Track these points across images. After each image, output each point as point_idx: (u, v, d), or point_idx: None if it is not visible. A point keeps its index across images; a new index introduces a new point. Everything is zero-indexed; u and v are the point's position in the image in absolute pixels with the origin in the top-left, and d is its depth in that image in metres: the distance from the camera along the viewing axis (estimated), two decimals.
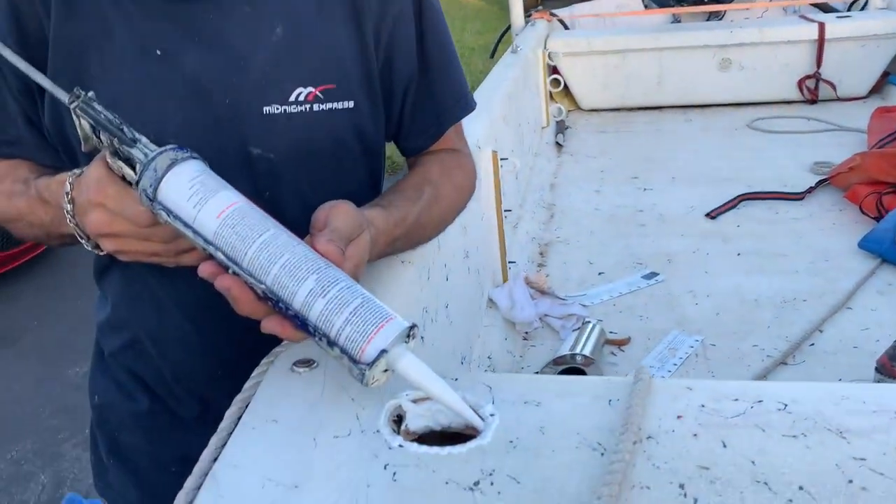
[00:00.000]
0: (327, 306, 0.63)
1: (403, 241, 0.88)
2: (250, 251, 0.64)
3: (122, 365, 0.99)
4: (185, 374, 0.95)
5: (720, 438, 0.58)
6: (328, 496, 0.54)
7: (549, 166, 2.65)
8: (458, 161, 1.03)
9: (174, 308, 0.91)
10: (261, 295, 0.65)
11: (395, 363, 0.63)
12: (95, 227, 0.70)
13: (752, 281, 1.83)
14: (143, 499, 1.00)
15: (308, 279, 0.63)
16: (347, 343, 0.62)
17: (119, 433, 1.01)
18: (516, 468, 0.57)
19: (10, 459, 2.59)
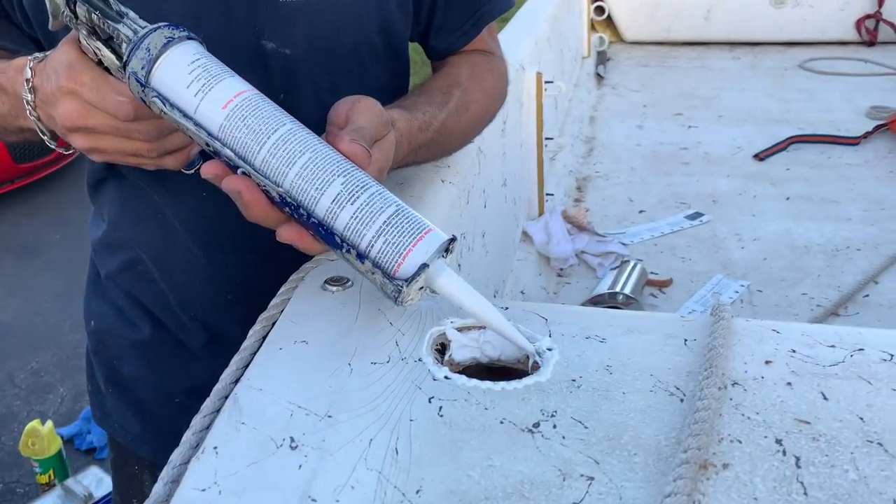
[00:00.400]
0: (357, 214, 0.54)
1: (427, 149, 0.78)
2: (264, 149, 0.55)
3: (120, 288, 0.89)
4: (190, 300, 0.86)
5: (819, 389, 0.50)
6: (366, 430, 0.46)
7: (588, 98, 2.52)
8: (491, 64, 0.92)
9: (180, 228, 0.82)
10: (276, 199, 0.56)
11: (433, 280, 0.55)
12: (67, 120, 0.60)
13: (802, 227, 1.73)
14: (144, 431, 0.92)
15: (333, 182, 0.54)
16: (381, 256, 0.54)
17: (118, 362, 0.92)
18: (581, 410, 0.49)
19: (31, 370, 2.59)
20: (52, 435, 1.90)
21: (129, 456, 0.96)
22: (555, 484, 0.43)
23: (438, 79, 0.85)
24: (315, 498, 0.41)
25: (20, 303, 2.94)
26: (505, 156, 1.37)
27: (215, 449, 0.44)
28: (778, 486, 0.42)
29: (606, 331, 0.58)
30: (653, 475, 0.43)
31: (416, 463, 0.44)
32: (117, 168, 0.81)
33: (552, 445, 0.46)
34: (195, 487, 0.41)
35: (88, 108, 0.59)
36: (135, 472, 0.96)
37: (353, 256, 0.55)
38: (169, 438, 0.51)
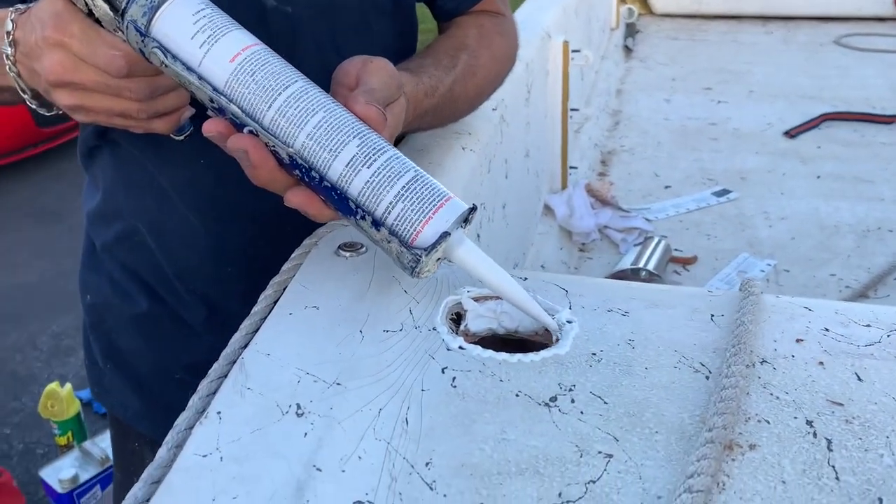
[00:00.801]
0: (373, 179, 0.51)
1: (432, 115, 0.74)
2: (274, 106, 0.52)
3: (116, 260, 0.86)
4: (188, 273, 0.81)
5: (853, 370, 0.48)
6: (376, 398, 0.45)
7: (616, 71, 2.47)
8: (500, 26, 0.88)
9: (177, 196, 0.78)
10: (285, 161, 0.53)
11: (452, 251, 0.53)
12: (52, 74, 0.55)
13: (832, 206, 1.69)
14: (144, 407, 0.88)
15: (348, 144, 0.52)
16: (398, 223, 0.51)
17: (116, 336, 0.88)
18: (601, 385, 0.47)
19: (52, 333, 2.61)
20: (70, 397, 1.91)
21: (128, 432, 0.93)
22: (571, 460, 0.41)
23: (445, 41, 0.82)
24: (320, 467, 0.39)
25: (44, 265, 2.96)
26: (528, 126, 1.34)
27: (219, 414, 0.43)
28: (808, 470, 0.40)
29: (629, 304, 0.56)
30: (675, 454, 0.41)
31: (426, 434, 0.43)
32: (111, 135, 0.78)
33: (569, 420, 0.44)
34: (196, 453, 0.40)
35: (76, 62, 0.55)
36: (135, 449, 0.93)
37: (367, 224, 0.52)
38: (168, 415, 0.49)
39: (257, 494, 0.37)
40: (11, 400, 2.34)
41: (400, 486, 0.39)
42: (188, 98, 0.61)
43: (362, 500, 0.37)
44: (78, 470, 1.77)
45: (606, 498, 0.38)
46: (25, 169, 3.69)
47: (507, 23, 0.90)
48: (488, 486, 0.39)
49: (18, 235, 3.21)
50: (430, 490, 0.39)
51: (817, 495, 0.38)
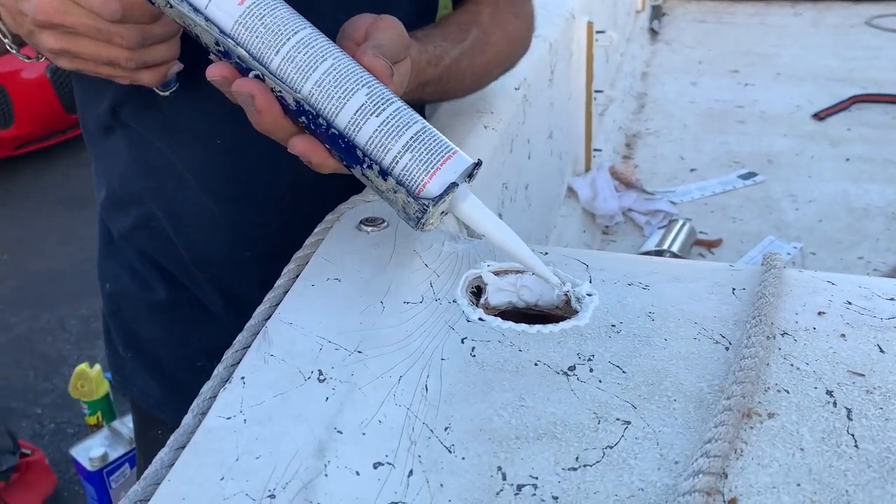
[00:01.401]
0: (382, 127, 0.51)
1: (434, 86, 0.72)
2: (283, 51, 0.51)
3: (133, 247, 0.84)
4: (206, 258, 0.80)
5: (875, 342, 0.47)
6: (395, 367, 0.45)
7: (641, 53, 2.45)
8: (516, 7, 0.86)
9: (193, 179, 0.76)
10: (291, 107, 0.52)
11: (457, 204, 0.53)
12: (40, 13, 0.53)
13: (862, 189, 1.66)
14: (165, 395, 0.88)
15: (357, 92, 0.51)
16: (406, 173, 0.51)
17: (136, 325, 0.88)
18: (620, 355, 0.47)
19: (81, 316, 2.66)
20: (99, 378, 1.94)
21: (150, 420, 0.93)
22: (589, 426, 0.41)
23: (458, 15, 0.80)
24: (341, 429, 0.40)
25: (72, 251, 3.01)
26: (552, 106, 1.34)
27: (243, 379, 0.44)
28: (826, 438, 0.40)
29: (650, 278, 0.56)
30: (693, 422, 0.41)
31: (445, 401, 0.43)
32: (121, 117, 0.77)
33: (588, 388, 0.44)
34: (220, 415, 0.41)
35: (67, 3, 0.52)
36: (157, 436, 0.92)
37: (374, 173, 0.52)
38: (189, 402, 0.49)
39: (279, 454, 0.38)
40: (42, 381, 2.38)
41: (419, 449, 0.39)
42: (178, 51, 0.60)
43: (382, 462, 0.38)
44: (107, 449, 1.80)
45: (624, 463, 0.38)
46: (53, 155, 3.74)
47: (524, 5, 0.89)
48: (506, 450, 0.39)
49: (48, 221, 3.26)
50: (449, 453, 0.39)
51: (836, 462, 0.38)
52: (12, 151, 3.60)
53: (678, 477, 0.37)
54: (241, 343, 0.53)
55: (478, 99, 0.98)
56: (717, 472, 0.37)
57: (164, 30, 0.58)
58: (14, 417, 2.22)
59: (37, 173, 3.66)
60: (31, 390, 2.36)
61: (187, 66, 0.70)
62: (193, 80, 0.71)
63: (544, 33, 1.28)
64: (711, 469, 0.36)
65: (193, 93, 0.72)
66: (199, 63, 0.69)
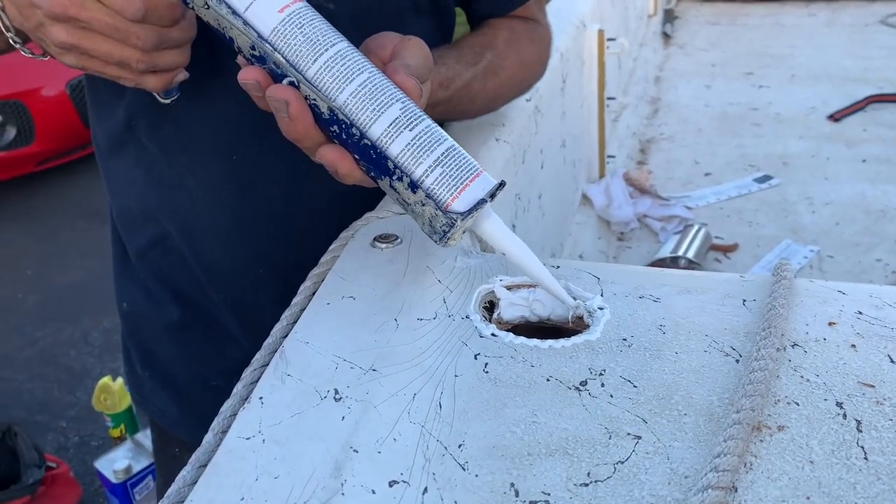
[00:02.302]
0: (415, 141, 0.52)
1: (444, 106, 0.73)
2: (320, 60, 0.52)
3: (148, 266, 0.84)
4: (220, 277, 0.80)
5: (886, 352, 0.48)
6: (410, 385, 0.46)
7: (654, 58, 2.45)
8: (532, 32, 0.87)
9: (206, 195, 0.76)
10: (325, 115, 0.53)
11: (480, 223, 0.54)
12: (58, 5, 0.51)
13: (879, 190, 1.66)
14: (182, 414, 0.88)
15: (392, 106, 0.52)
16: (436, 186, 0.52)
17: (152, 345, 0.88)
18: (631, 369, 0.48)
19: (103, 329, 2.69)
20: (122, 391, 1.97)
21: (169, 438, 0.94)
22: (600, 442, 0.42)
23: (473, 37, 0.81)
24: (357, 448, 0.41)
25: (94, 265, 3.05)
26: (564, 115, 1.34)
27: (261, 399, 0.45)
28: (836, 450, 0.40)
29: (661, 290, 0.56)
30: (703, 435, 0.42)
31: (459, 417, 0.44)
32: (134, 133, 0.77)
33: (599, 404, 0.45)
34: (240, 436, 0.42)
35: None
36: (175, 454, 0.93)
37: (403, 185, 0.53)
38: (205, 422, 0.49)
39: (297, 474, 0.39)
40: (67, 394, 2.42)
41: (433, 466, 0.40)
42: (188, 58, 0.61)
43: (397, 480, 0.39)
44: (131, 461, 1.82)
45: (634, 478, 0.39)
46: (74, 170, 3.79)
47: (540, 30, 0.89)
48: (519, 467, 0.40)
49: (70, 236, 3.31)
50: (463, 470, 0.40)
51: (845, 474, 0.39)
52: (34, 168, 3.65)
53: (688, 492, 0.38)
54: (259, 361, 0.54)
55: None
56: (727, 486, 0.37)
57: (182, 34, 0.58)
58: (39, 431, 2.25)
59: (58, 189, 3.71)
60: (56, 404, 2.39)
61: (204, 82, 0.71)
62: (210, 94, 0.73)
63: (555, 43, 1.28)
64: (721, 483, 0.37)
65: (209, 108, 0.73)
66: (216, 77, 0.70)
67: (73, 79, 3.55)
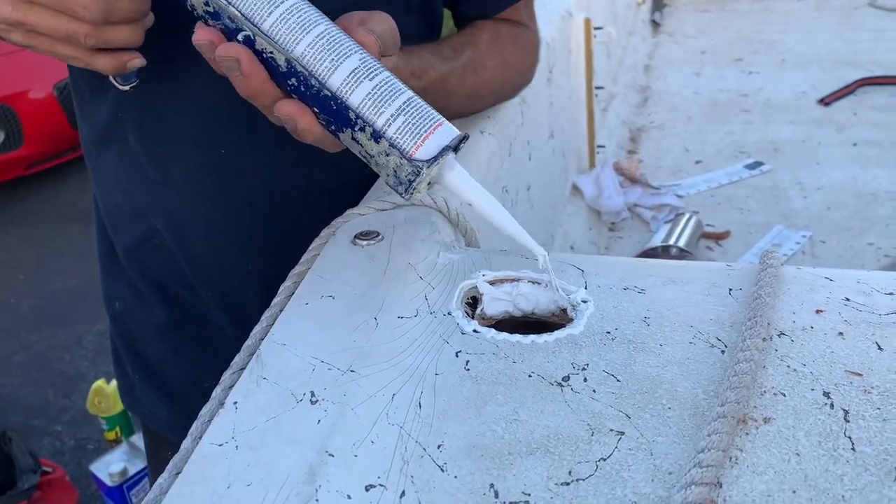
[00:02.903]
0: (376, 91, 0.51)
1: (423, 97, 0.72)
2: (276, 13, 0.50)
3: (136, 265, 0.83)
4: (208, 273, 0.79)
5: (873, 340, 0.47)
6: (389, 385, 0.45)
7: (643, 46, 2.44)
8: (518, 36, 0.85)
9: (191, 190, 0.76)
10: (282, 68, 0.51)
11: (444, 173, 0.53)
12: None
13: (870, 174, 1.65)
14: (174, 417, 0.87)
15: (351, 57, 0.51)
16: (399, 135, 0.51)
17: (142, 346, 0.87)
18: (615, 363, 0.47)
19: (97, 332, 2.68)
20: (116, 394, 1.96)
21: (161, 441, 0.93)
22: (582, 439, 0.41)
23: (455, 36, 0.80)
24: (333, 452, 0.40)
25: (87, 268, 3.03)
26: (552, 106, 1.33)
27: (235, 404, 0.44)
28: (823, 441, 0.39)
29: (646, 281, 0.55)
30: (688, 429, 0.41)
31: (439, 417, 0.43)
32: (118, 129, 0.76)
33: (582, 399, 0.44)
34: (213, 442, 0.41)
35: None
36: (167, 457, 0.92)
37: (366, 135, 0.51)
38: None
39: (270, 481, 0.38)
40: (62, 398, 2.41)
41: (412, 468, 0.39)
42: (141, 38, 0.59)
43: (374, 484, 0.38)
44: (126, 463, 1.81)
45: (617, 475, 0.38)
46: (65, 173, 3.77)
47: (527, 34, 0.87)
48: (499, 467, 0.39)
49: (62, 239, 3.29)
50: (442, 472, 0.39)
51: (832, 466, 0.38)
52: (24, 171, 3.63)
53: (671, 488, 0.37)
54: (238, 364, 0.53)
55: None
56: (711, 482, 0.36)
57: (131, 5, 0.55)
58: (35, 435, 2.24)
59: (49, 192, 3.69)
60: (51, 408, 2.38)
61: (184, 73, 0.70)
62: (189, 86, 0.72)
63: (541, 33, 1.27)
64: (704, 479, 0.36)
65: (189, 99, 0.72)
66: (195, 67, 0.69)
67: (60, 81, 3.53)
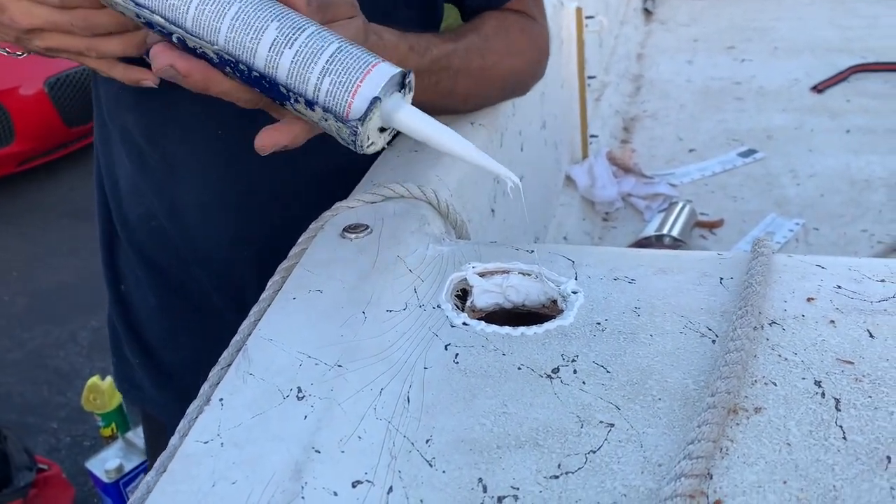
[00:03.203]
0: (297, 58, 0.49)
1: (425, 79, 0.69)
2: (192, 8, 0.50)
3: (137, 246, 0.84)
4: (207, 256, 0.80)
5: (865, 327, 0.47)
6: (377, 380, 0.45)
7: (636, 35, 2.43)
8: (526, 26, 0.84)
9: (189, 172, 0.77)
10: (215, 61, 0.51)
11: (392, 116, 0.51)
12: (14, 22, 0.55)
13: (863, 160, 1.64)
14: (173, 402, 0.86)
15: (268, 28, 0.50)
16: (329, 98, 0.49)
17: (142, 329, 0.88)
18: (605, 355, 0.46)
19: (92, 328, 2.67)
20: (111, 390, 1.95)
21: (161, 427, 0.92)
22: (572, 431, 0.40)
23: (457, 27, 0.79)
24: (319, 449, 0.39)
25: (80, 264, 3.02)
26: (543, 96, 1.32)
27: (221, 401, 0.43)
28: (814, 431, 0.39)
29: (636, 271, 0.55)
30: (678, 420, 0.41)
31: (427, 411, 0.42)
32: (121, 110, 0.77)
33: (571, 391, 0.43)
34: (198, 440, 0.40)
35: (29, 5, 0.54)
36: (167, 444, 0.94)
37: (302, 106, 0.51)
38: None
39: (255, 478, 0.37)
40: (57, 395, 2.40)
41: (399, 464, 0.39)
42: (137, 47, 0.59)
43: (361, 480, 0.38)
44: (122, 460, 1.81)
45: (606, 468, 0.38)
46: (57, 170, 3.75)
47: (535, 26, 0.86)
48: (487, 461, 0.39)
49: (55, 236, 3.28)
50: (430, 467, 0.39)
51: (823, 456, 0.37)
52: (15, 168, 3.61)
53: (661, 480, 0.37)
54: (225, 360, 0.52)
55: None
56: (701, 473, 0.36)
57: (110, 20, 0.56)
58: (31, 433, 2.24)
59: (41, 189, 3.67)
60: (46, 405, 2.37)
61: None
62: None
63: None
64: (694, 471, 0.36)
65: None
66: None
67: (50, 77, 3.51)
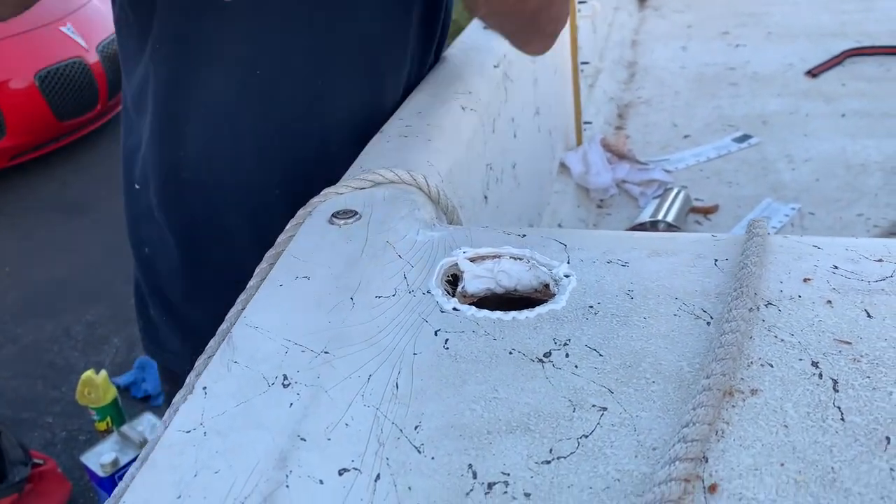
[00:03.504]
0: None
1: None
2: None
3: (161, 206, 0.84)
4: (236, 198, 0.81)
5: (862, 307, 0.46)
6: (365, 366, 0.44)
7: (630, 21, 2.41)
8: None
9: (222, 111, 0.77)
10: None
11: None
12: None
13: (859, 144, 1.63)
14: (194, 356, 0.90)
15: None
16: None
17: (167, 287, 0.89)
18: (597, 338, 0.45)
19: (86, 323, 2.65)
20: (106, 384, 1.94)
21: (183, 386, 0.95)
22: (564, 415, 0.39)
23: None
24: (304, 436, 0.38)
25: (73, 258, 3.01)
26: (536, 82, 1.31)
27: (204, 389, 0.42)
28: (812, 412, 0.38)
29: (630, 254, 0.54)
30: (672, 403, 0.40)
31: (416, 397, 0.41)
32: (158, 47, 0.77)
33: (563, 375, 0.42)
34: (180, 429, 0.39)
35: None
36: None
37: None
38: None
39: (239, 467, 0.36)
40: (51, 390, 2.39)
41: (387, 451, 0.38)
42: None
43: (347, 467, 0.37)
44: (118, 454, 1.80)
45: (599, 452, 0.37)
46: (49, 164, 3.73)
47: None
48: (477, 446, 0.38)
49: (47, 230, 3.26)
50: (419, 453, 0.38)
51: (821, 437, 0.37)
52: (7, 163, 3.58)
53: (656, 464, 0.36)
54: (211, 349, 0.51)
55: (455, 79, 0.95)
56: (696, 457, 0.35)
57: None
58: (26, 428, 2.22)
59: (33, 183, 3.64)
60: (41, 400, 2.36)
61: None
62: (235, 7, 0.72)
63: None
64: (689, 454, 0.35)
65: (231, 22, 0.73)
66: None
67: (41, 70, 3.48)
